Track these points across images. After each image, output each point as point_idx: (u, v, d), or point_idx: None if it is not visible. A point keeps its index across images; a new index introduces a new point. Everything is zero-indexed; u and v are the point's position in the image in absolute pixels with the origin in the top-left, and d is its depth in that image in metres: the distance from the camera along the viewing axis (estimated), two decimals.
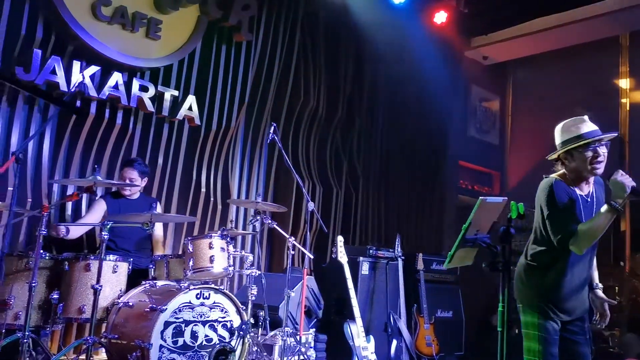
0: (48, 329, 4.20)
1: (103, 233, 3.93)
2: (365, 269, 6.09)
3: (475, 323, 7.43)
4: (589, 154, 3.08)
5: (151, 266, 4.53)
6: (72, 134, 5.36)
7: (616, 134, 3.18)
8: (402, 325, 5.86)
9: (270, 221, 4.81)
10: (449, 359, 6.89)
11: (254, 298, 4.66)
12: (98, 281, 3.87)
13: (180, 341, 3.85)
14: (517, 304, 3.29)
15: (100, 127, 5.46)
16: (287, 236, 4.84)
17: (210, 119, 6.29)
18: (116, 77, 5.38)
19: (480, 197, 2.65)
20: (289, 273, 4.79)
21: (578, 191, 3.16)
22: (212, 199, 6.26)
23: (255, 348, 4.42)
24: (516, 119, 10.36)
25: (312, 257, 4.71)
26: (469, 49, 9.39)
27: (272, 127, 4.99)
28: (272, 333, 4.73)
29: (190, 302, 3.94)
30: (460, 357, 7.10)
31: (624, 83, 8.74)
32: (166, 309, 3.76)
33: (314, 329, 5.81)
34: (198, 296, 3.99)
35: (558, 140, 3.22)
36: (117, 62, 5.45)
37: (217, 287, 4.09)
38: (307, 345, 5.60)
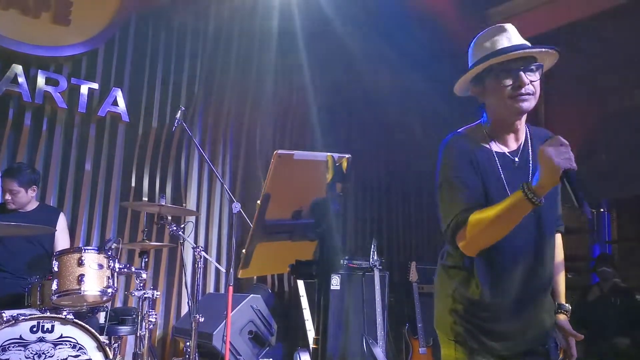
0: None
1: None
2: (335, 283, 4.97)
3: None
4: (508, 80, 1.89)
5: (26, 291, 3.63)
6: None
7: (553, 49, 1.97)
8: (379, 351, 4.68)
9: (174, 227, 3.81)
10: None
11: (151, 326, 3.66)
12: None
13: None
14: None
15: (4, 128, 4.68)
16: (193, 245, 3.82)
17: (150, 116, 5.40)
18: (15, 70, 4.60)
19: (276, 151, 1.56)
20: (198, 293, 3.76)
21: (498, 147, 1.98)
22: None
23: None
24: (551, 104, 8.88)
25: (223, 270, 3.66)
26: (485, 26, 8.09)
27: (179, 112, 4.05)
28: None
29: (21, 338, 2.98)
30: None
31: None
32: None
33: None
34: (34, 329, 3.03)
35: (470, 62, 2.05)
36: (18, 53, 4.66)
37: (63, 317, 3.11)
38: None
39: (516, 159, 1.98)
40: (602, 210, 7.72)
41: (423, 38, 6.58)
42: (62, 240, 4.35)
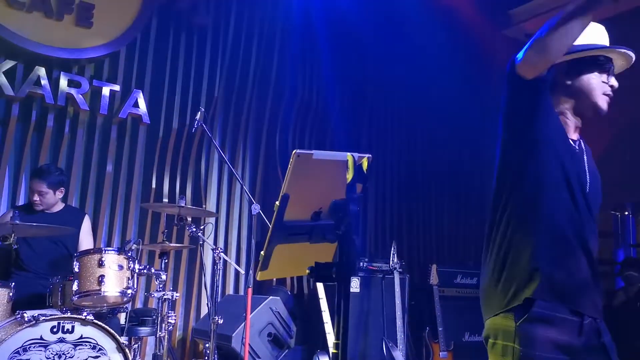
0: None
1: None
2: (354, 286, 4.93)
3: None
4: (607, 77, 1.91)
5: (48, 291, 3.67)
6: None
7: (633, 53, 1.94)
8: (398, 355, 4.64)
9: (194, 228, 3.81)
10: None
11: (170, 327, 3.66)
12: None
13: None
14: (485, 334, 1.82)
15: (27, 130, 4.73)
16: (212, 246, 3.82)
17: (170, 117, 5.42)
18: (37, 72, 4.64)
19: (295, 151, 1.54)
20: (217, 294, 3.76)
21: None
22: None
23: None
24: None
25: (243, 272, 3.65)
26: (507, 27, 7.93)
27: (199, 113, 4.05)
28: None
29: (41, 338, 2.99)
30: None
31: None
32: None
33: None
34: (55, 330, 3.04)
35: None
36: (41, 55, 4.70)
37: (83, 318, 3.12)
38: None
39: (576, 146, 1.94)
40: (626, 213, 7.56)
41: (446, 37, 6.52)
42: (86, 241, 4.38)
